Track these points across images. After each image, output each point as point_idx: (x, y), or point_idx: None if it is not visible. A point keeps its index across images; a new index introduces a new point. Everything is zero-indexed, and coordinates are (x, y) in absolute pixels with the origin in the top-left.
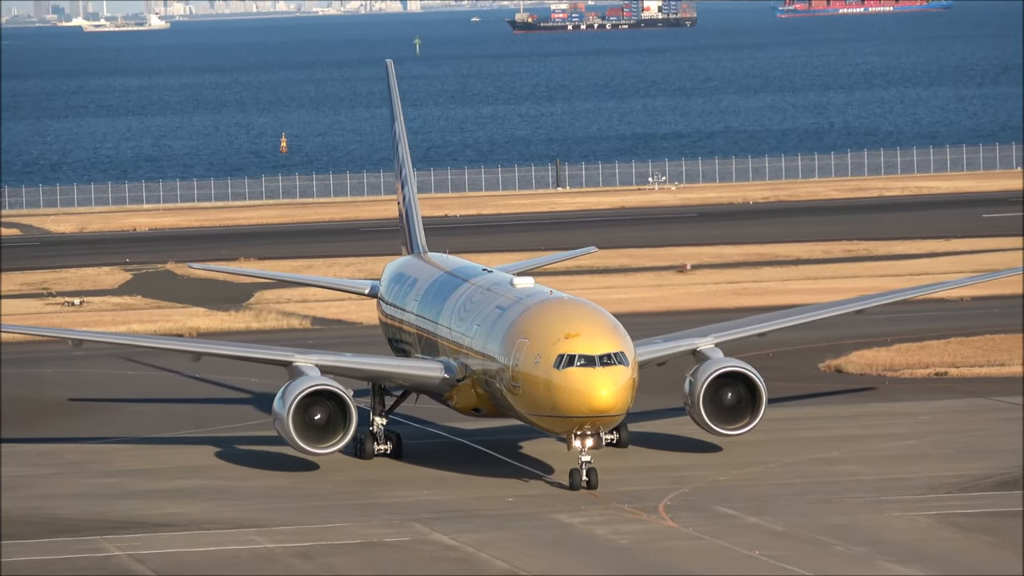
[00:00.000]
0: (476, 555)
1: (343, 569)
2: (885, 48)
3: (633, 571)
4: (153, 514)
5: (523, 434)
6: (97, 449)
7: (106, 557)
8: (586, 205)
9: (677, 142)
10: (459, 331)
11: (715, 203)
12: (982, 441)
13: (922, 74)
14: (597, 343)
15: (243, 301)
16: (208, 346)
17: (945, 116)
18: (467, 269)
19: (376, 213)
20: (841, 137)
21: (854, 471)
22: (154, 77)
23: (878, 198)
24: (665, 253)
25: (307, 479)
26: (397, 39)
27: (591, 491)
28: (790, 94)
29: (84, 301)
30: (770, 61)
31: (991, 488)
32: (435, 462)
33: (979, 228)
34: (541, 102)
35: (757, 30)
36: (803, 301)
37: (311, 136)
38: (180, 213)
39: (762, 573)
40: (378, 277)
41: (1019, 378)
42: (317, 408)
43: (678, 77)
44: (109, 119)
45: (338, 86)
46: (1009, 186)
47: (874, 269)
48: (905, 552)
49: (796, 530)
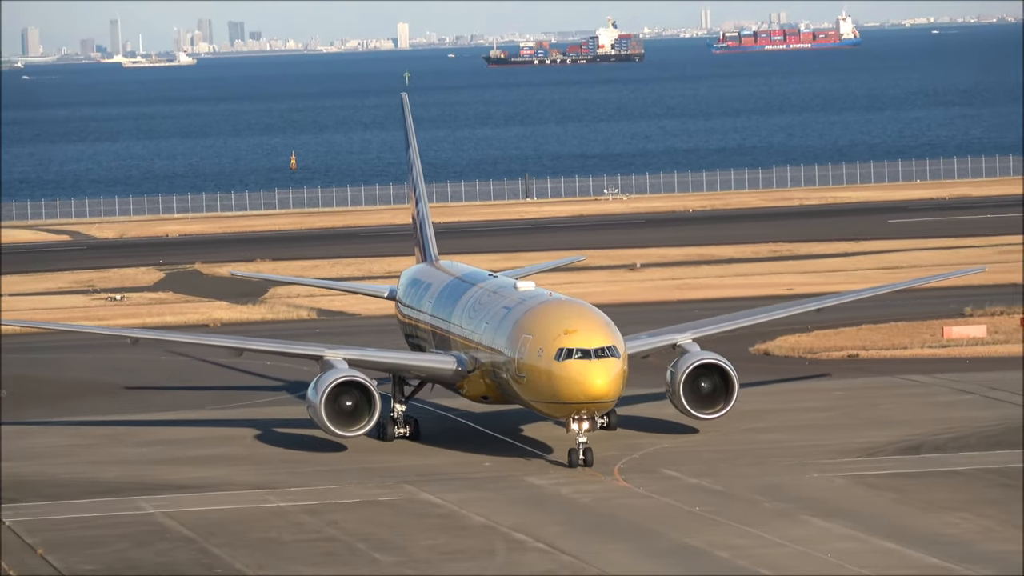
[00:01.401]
0: (458, 512)
1: (344, 524)
2: (805, 79)
3: (594, 524)
4: (181, 478)
5: (525, 419)
6: (129, 421)
7: (144, 514)
8: (550, 213)
9: (628, 159)
10: (469, 328)
11: (660, 211)
12: (888, 413)
13: (835, 100)
14: (592, 338)
15: (259, 296)
16: (249, 343)
17: (855, 135)
18: (475, 275)
19: (373, 220)
20: (767, 154)
21: (780, 439)
22: (183, 105)
23: (799, 206)
24: (618, 254)
25: (315, 448)
26: (390, 73)
27: (587, 467)
28: (724, 118)
29: (124, 296)
30: (707, 91)
31: (895, 453)
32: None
33: (885, 231)
34: (512, 125)
35: (696, 64)
36: (736, 295)
37: (317, 154)
38: (206, 221)
39: (703, 526)
40: (391, 280)
41: (921, 359)
42: (346, 397)
43: (629, 104)
44: (149, 140)
45: (340, 112)
46: (910, 196)
47: (796, 267)
48: (824, 508)
49: (731, 489)
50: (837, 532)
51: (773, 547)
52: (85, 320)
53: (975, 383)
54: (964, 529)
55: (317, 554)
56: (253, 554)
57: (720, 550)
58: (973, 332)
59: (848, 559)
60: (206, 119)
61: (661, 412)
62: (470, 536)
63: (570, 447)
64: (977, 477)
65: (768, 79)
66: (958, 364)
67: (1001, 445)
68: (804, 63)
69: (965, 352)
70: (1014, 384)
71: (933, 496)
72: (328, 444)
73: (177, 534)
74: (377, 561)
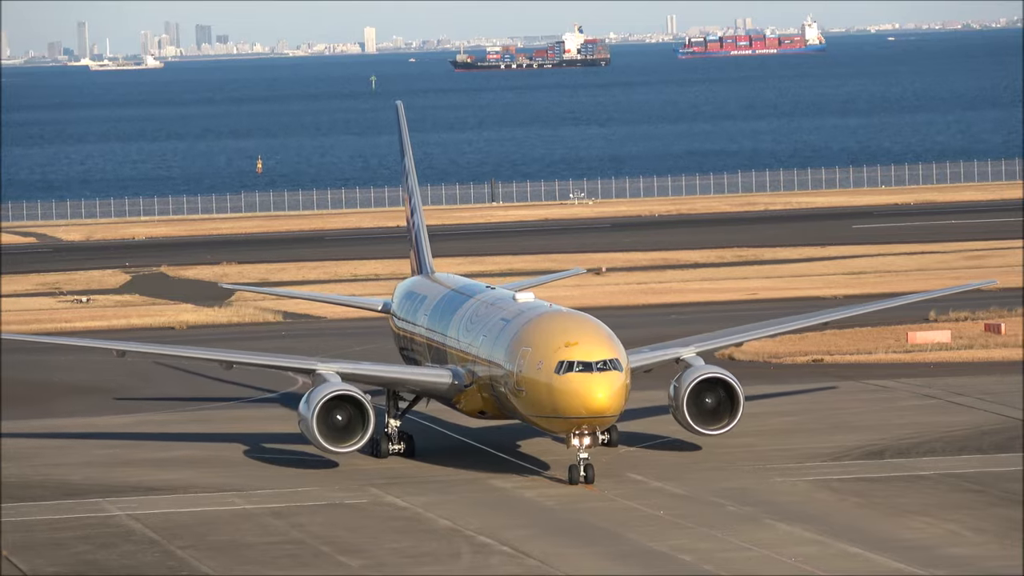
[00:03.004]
0: (423, 515)
1: (309, 526)
2: (772, 84)
3: (559, 528)
4: (148, 480)
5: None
6: (101, 423)
7: (108, 516)
8: (517, 217)
9: (594, 163)
10: (466, 341)
11: (626, 215)
12: (852, 418)
13: (803, 105)
14: (594, 351)
15: (225, 299)
16: (239, 356)
17: (820, 140)
18: (472, 287)
19: (340, 224)
20: (732, 159)
21: (744, 443)
22: (150, 108)
23: (764, 211)
24: (583, 258)
25: (281, 451)
26: (357, 77)
27: (588, 485)
28: (690, 123)
29: (90, 299)
30: (672, 95)
31: (860, 457)
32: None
33: (850, 237)
34: (478, 130)
35: (661, 69)
36: (701, 299)
37: (283, 158)
38: (172, 224)
39: (667, 529)
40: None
41: (886, 364)
42: (338, 411)
43: (594, 109)
44: (116, 143)
45: (306, 116)
46: (874, 201)
47: (761, 271)
48: (788, 512)
49: (695, 493)
50: (801, 536)
51: (737, 551)
52: (51, 323)
53: (939, 388)
54: (928, 534)
55: (282, 556)
56: (218, 556)
57: (684, 554)
58: (937, 337)
59: (812, 563)
60: (173, 122)
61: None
62: (435, 539)
63: (571, 463)
64: (941, 481)
65: (734, 84)
66: (922, 369)
67: (965, 450)
68: (769, 68)
69: (929, 357)
70: (978, 389)
71: (897, 500)
72: (298, 451)
73: (142, 536)
74: (342, 564)
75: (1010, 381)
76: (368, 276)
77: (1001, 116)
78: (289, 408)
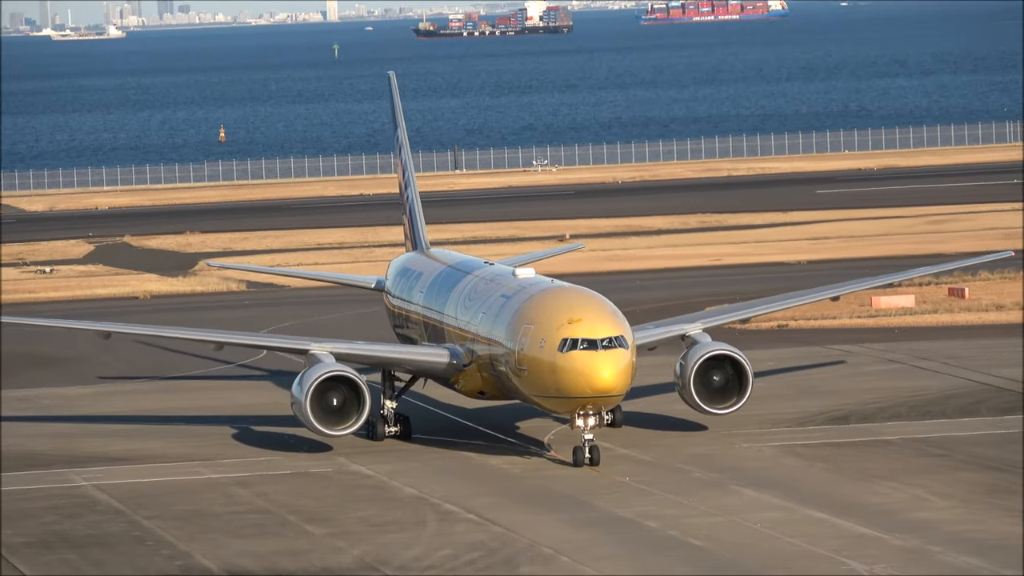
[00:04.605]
0: (389, 483)
1: (275, 496)
2: (735, 50)
3: (524, 495)
4: (113, 450)
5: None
6: (68, 394)
7: (73, 487)
8: (480, 185)
9: (557, 130)
10: (465, 319)
11: (589, 182)
12: (816, 383)
13: (767, 71)
14: (599, 327)
15: (189, 268)
16: (230, 336)
17: (784, 105)
18: (470, 262)
19: (303, 192)
20: (695, 124)
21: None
22: (112, 78)
23: (727, 177)
24: (547, 225)
25: (247, 421)
26: (320, 45)
27: (594, 467)
28: (652, 89)
29: (54, 269)
30: (634, 61)
31: (825, 423)
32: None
33: (813, 202)
34: (442, 97)
35: (624, 35)
36: (665, 266)
37: (246, 127)
38: (135, 194)
39: (633, 496)
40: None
41: (850, 329)
42: (333, 393)
43: (557, 76)
44: (77, 113)
45: (269, 85)
46: (838, 166)
47: (725, 237)
48: (754, 478)
49: (661, 459)
50: (767, 502)
51: (703, 517)
52: (15, 294)
53: (903, 352)
54: (894, 498)
55: (247, 526)
56: (183, 526)
57: (650, 520)
58: (901, 302)
59: (778, 528)
60: (135, 92)
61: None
62: (401, 507)
63: (575, 445)
64: (906, 446)
65: (698, 50)
66: (886, 334)
67: (930, 414)
68: (732, 34)
69: (893, 322)
70: (942, 353)
71: (863, 465)
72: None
73: (107, 506)
74: (308, 533)
75: (974, 345)
76: (333, 244)
77: (966, 82)
78: (257, 377)
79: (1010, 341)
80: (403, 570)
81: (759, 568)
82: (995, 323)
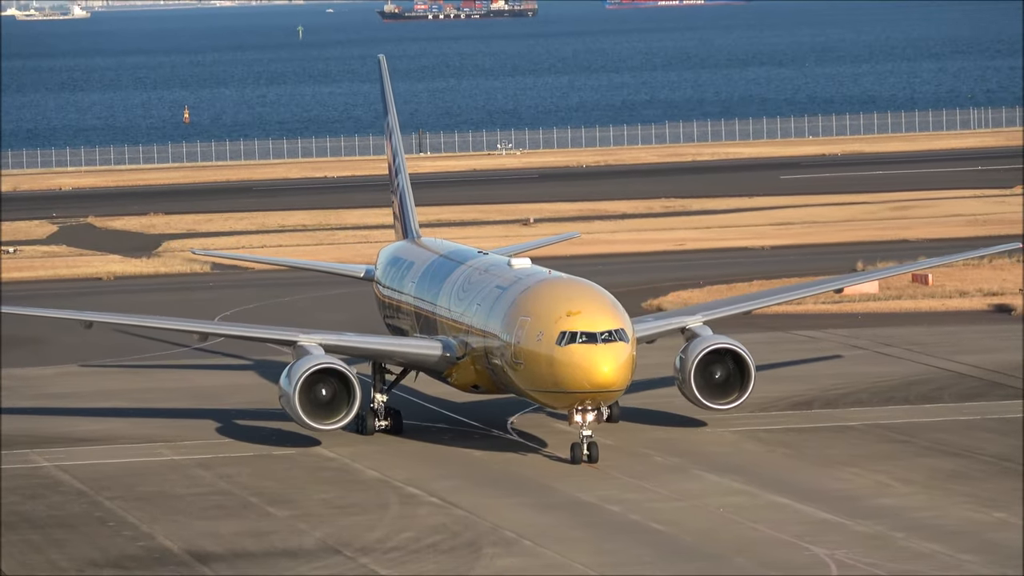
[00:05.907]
0: (351, 465)
1: (237, 477)
2: (701, 35)
3: (487, 479)
4: (76, 431)
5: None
6: (30, 375)
7: (36, 467)
8: (444, 168)
9: (521, 114)
10: (458, 310)
11: (554, 166)
12: (779, 369)
13: (730, 56)
14: (598, 320)
15: (153, 249)
16: (216, 327)
17: (749, 90)
18: (463, 252)
19: (267, 175)
20: (659, 109)
21: (669, 394)
22: (76, 59)
23: (692, 162)
24: (511, 208)
25: (209, 402)
26: (285, 27)
27: (592, 464)
28: (617, 74)
29: (17, 250)
30: (599, 45)
31: (787, 408)
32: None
33: (777, 188)
34: (407, 80)
35: (589, 19)
36: (629, 250)
37: (210, 109)
38: (98, 174)
39: (595, 480)
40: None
41: (813, 315)
42: (322, 386)
43: (521, 59)
44: (41, 94)
45: (232, 67)
46: (802, 152)
47: (689, 222)
48: (716, 462)
49: (623, 444)
50: (729, 486)
51: (665, 501)
52: None
53: (867, 338)
54: (856, 484)
55: (210, 507)
56: (145, 507)
57: (612, 504)
58: (865, 288)
59: (740, 513)
60: (99, 72)
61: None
62: (363, 489)
63: (572, 441)
64: (868, 432)
65: (660, 35)
66: (850, 320)
67: (893, 400)
68: (696, 19)
69: (857, 308)
70: (905, 340)
71: (825, 451)
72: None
73: (70, 487)
74: (270, 515)
75: (937, 331)
76: (296, 227)
77: (932, 67)
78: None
79: (973, 328)
80: (365, 552)
81: (721, 552)
82: (958, 310)
